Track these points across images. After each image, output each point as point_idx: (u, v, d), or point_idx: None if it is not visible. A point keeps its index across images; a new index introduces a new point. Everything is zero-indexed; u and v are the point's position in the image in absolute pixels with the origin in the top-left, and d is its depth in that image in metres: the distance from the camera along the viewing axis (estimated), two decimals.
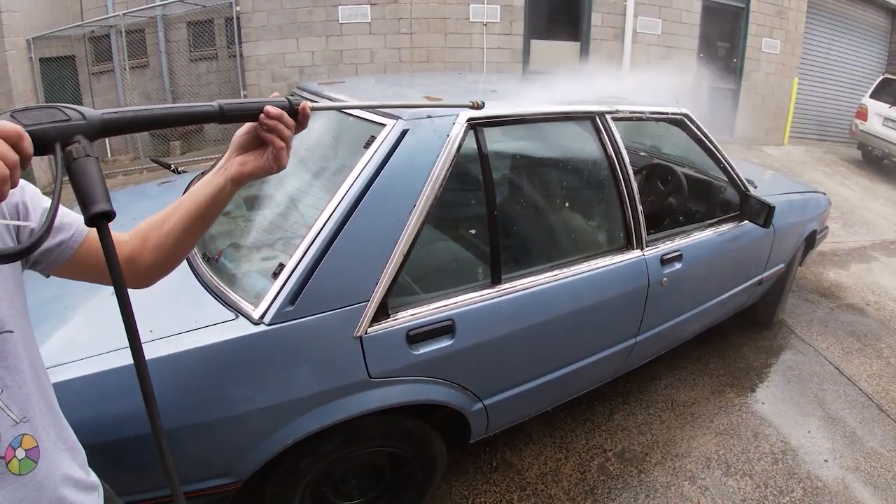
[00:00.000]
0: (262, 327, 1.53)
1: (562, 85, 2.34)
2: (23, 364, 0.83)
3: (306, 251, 1.61)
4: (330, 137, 2.06)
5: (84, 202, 0.66)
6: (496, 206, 1.89)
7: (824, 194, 4.14)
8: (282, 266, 1.62)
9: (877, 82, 10.12)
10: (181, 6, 8.30)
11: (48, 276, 0.96)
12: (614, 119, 2.26)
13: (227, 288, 1.69)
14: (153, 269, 1.01)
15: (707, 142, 2.71)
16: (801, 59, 10.41)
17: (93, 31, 8.67)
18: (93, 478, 1.00)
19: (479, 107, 1.65)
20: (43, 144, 0.66)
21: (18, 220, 0.83)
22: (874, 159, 10.20)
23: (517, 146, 2.40)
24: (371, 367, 1.68)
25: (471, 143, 1.85)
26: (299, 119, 0.95)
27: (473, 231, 2.10)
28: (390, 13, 7.74)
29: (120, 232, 0.97)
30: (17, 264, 0.86)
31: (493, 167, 1.91)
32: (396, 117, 1.78)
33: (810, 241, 3.87)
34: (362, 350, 1.67)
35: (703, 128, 2.67)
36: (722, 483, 2.54)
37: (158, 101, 8.75)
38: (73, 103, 0.73)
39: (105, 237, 0.68)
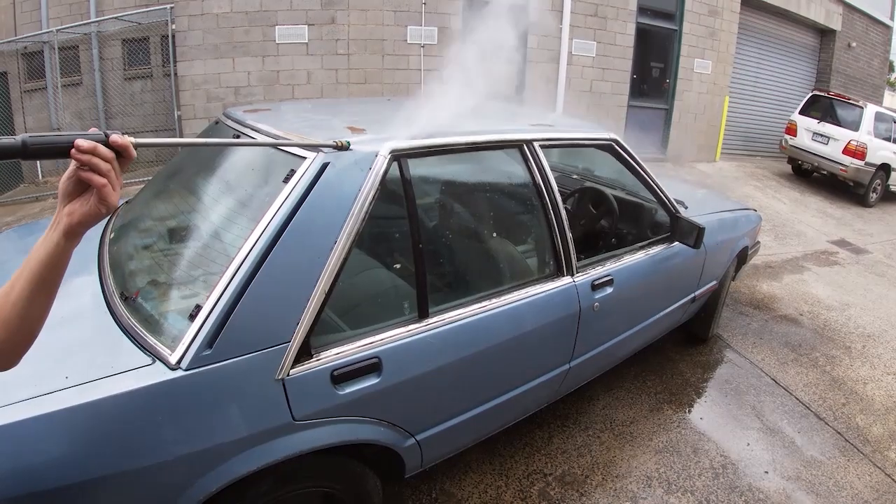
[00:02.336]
0: (179, 373, 1.47)
1: (492, 112, 2.34)
2: None
3: (223, 291, 1.54)
4: (251, 169, 1.99)
5: None
6: (422, 239, 1.86)
7: (755, 211, 4.28)
8: (199, 308, 1.55)
9: (806, 99, 10.61)
10: (116, 23, 8.05)
11: None
12: (542, 146, 2.27)
13: (143, 330, 1.62)
14: (8, 346, 0.91)
15: (636, 166, 2.76)
16: (731, 78, 10.83)
17: (26, 47, 8.34)
18: None
19: (345, 147, 1.62)
20: None
21: None
22: (804, 172, 10.66)
23: (444, 176, 2.38)
24: (295, 410, 1.62)
25: (395, 175, 1.82)
26: (119, 151, 0.87)
27: (399, 265, 2.06)
28: (328, 34, 7.69)
29: None
30: None
31: (418, 198, 1.88)
32: (317, 149, 1.74)
33: (742, 256, 3.97)
34: (285, 393, 1.61)
35: (631, 152, 2.71)
36: (664, 502, 2.56)
37: (91, 120, 8.48)
38: (3, 121, 0.70)
39: None
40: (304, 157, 1.74)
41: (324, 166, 1.70)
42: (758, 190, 9.30)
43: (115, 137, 0.87)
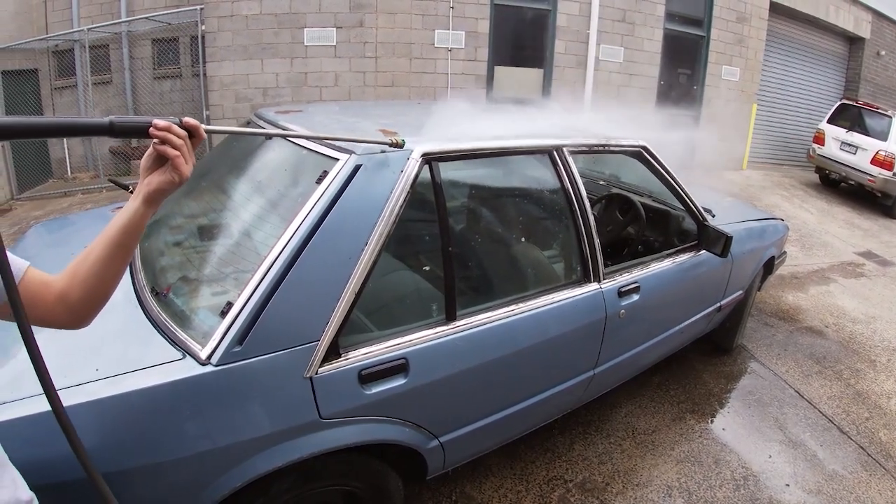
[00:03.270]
0: (209, 368, 1.49)
1: (520, 117, 2.34)
2: None
3: (255, 289, 1.56)
4: (283, 170, 2.02)
5: None
6: (451, 242, 1.87)
7: (782, 220, 4.22)
8: (230, 305, 1.57)
9: (834, 107, 10.44)
10: (147, 23, 8.19)
11: None
12: (572, 153, 2.27)
13: (174, 326, 1.64)
14: (84, 304, 1.01)
15: (665, 173, 2.74)
16: (759, 85, 10.70)
17: (57, 45, 8.49)
18: None
19: (400, 146, 1.63)
20: None
21: None
22: (831, 182, 10.50)
23: (474, 180, 2.39)
24: (322, 408, 1.64)
25: (426, 178, 1.83)
26: (191, 132, 1.01)
27: (428, 267, 2.08)
28: (356, 37, 7.75)
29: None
30: None
31: (448, 202, 1.89)
32: (350, 152, 1.75)
33: (769, 266, 3.93)
34: (313, 391, 1.62)
35: (660, 159, 2.69)
36: None
37: None
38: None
39: None
40: (337, 159, 1.76)
41: (356, 168, 1.71)
42: (785, 199, 9.18)
43: (188, 119, 1.01)
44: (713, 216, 3.16)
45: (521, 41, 8.74)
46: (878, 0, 12.93)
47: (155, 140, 0.98)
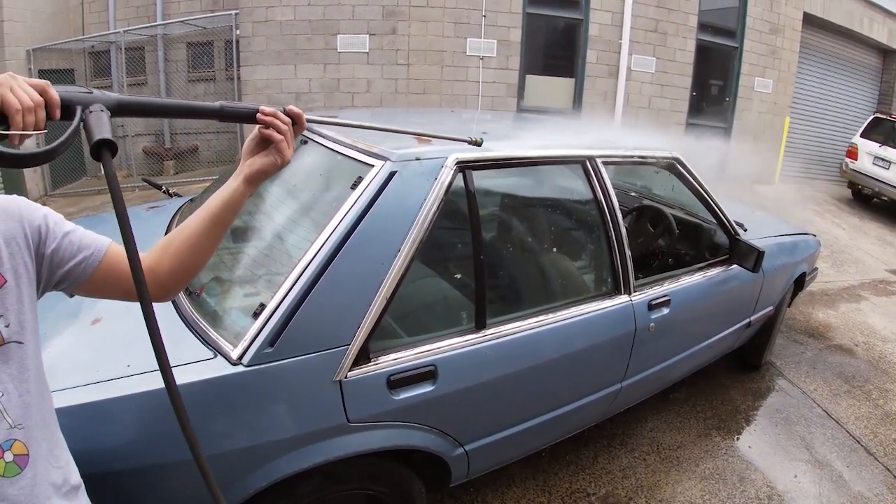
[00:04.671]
0: (240, 368, 1.50)
1: (554, 127, 2.34)
2: (29, 375, 0.89)
3: (288, 292, 1.58)
4: (318, 175, 2.04)
5: (90, 136, 0.82)
6: (483, 251, 1.88)
7: (814, 236, 4.15)
8: (262, 306, 1.59)
9: (867, 121, 10.23)
10: (182, 27, 8.35)
11: (72, 295, 1.03)
12: (605, 163, 2.26)
13: (206, 325, 1.66)
14: (173, 277, 1.06)
15: (697, 186, 2.72)
16: (792, 98, 10.53)
17: (93, 46, 8.71)
18: None
19: (478, 143, 1.65)
20: (69, 107, 0.83)
21: (40, 242, 0.92)
22: (864, 198, 10.29)
23: (506, 189, 2.39)
24: (350, 412, 1.65)
25: (459, 186, 1.84)
26: (294, 119, 1.08)
27: (459, 275, 2.08)
28: (388, 44, 7.81)
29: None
30: (34, 281, 0.92)
31: (481, 210, 1.89)
32: (385, 158, 1.77)
33: (800, 282, 3.87)
34: (341, 394, 1.63)
35: (693, 171, 2.67)
36: None
37: (154, 119, 8.76)
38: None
39: (108, 166, 0.81)
40: (372, 166, 1.78)
41: (391, 175, 1.73)
42: (816, 214, 9.03)
43: (291, 107, 1.08)
44: (745, 230, 3.12)
45: (553, 50, 8.73)
46: None
47: (260, 125, 1.05)
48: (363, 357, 1.67)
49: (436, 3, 7.75)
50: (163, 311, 1.75)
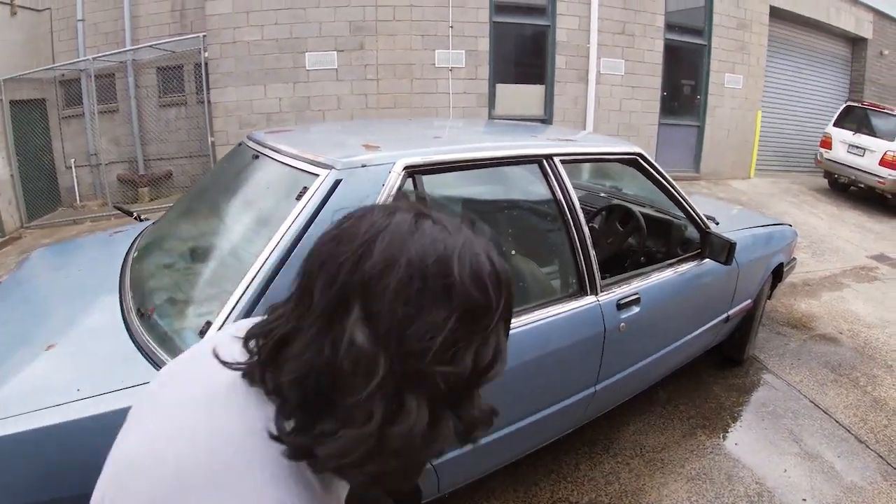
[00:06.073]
0: None
1: (513, 129, 2.29)
2: None
3: (233, 308, 1.54)
4: (267, 188, 1.99)
5: None
6: None
7: (790, 226, 4.14)
8: (209, 324, 1.55)
9: (840, 110, 10.33)
10: (151, 51, 8.34)
11: None
12: (563, 161, 2.20)
13: (155, 346, 1.63)
14: None
15: (663, 181, 2.68)
16: (763, 92, 10.62)
17: (63, 75, 8.69)
18: None
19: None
20: None
21: None
22: (841, 186, 10.36)
23: (461, 192, 2.33)
24: None
25: (409, 191, 1.78)
26: None
27: None
28: (357, 59, 7.82)
29: None
30: None
31: None
32: (330, 167, 1.73)
33: (778, 273, 3.84)
34: None
35: (657, 166, 2.63)
36: None
37: (128, 145, 8.73)
38: (42, 147, 0.69)
39: None
40: (317, 175, 1.73)
41: (336, 183, 1.68)
42: (794, 206, 9.07)
43: None
44: (717, 223, 3.08)
45: (522, 58, 8.81)
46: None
47: None
48: None
49: (403, 16, 7.77)
50: (114, 333, 1.76)
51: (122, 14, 8.47)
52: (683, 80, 9.96)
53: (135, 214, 3.14)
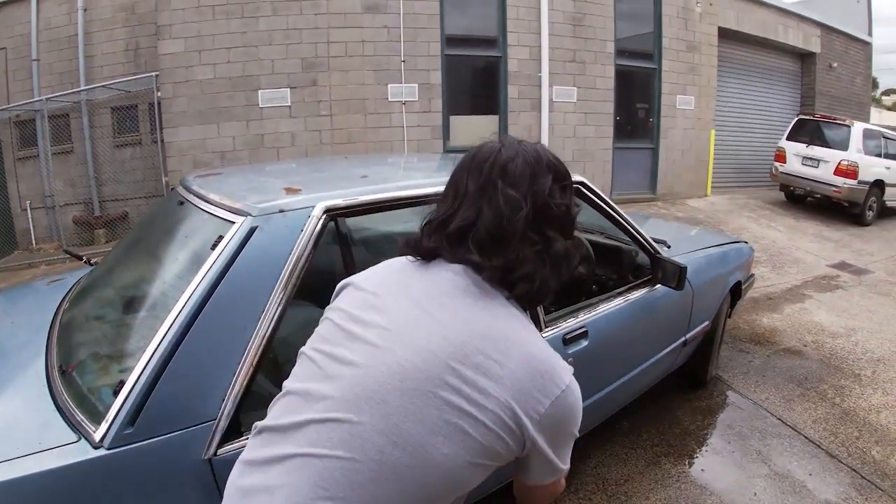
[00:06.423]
0: (101, 451, 1.37)
1: (448, 164, 2.21)
2: None
3: (146, 365, 1.45)
4: (186, 237, 1.89)
5: None
6: None
7: (746, 243, 4.14)
8: (122, 383, 1.46)
9: (792, 124, 10.61)
10: (105, 91, 8.27)
11: None
12: None
13: (73, 406, 1.54)
14: None
15: (607, 208, 2.62)
16: (716, 111, 10.88)
17: (18, 116, 8.60)
18: None
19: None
20: None
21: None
22: (797, 198, 10.60)
23: (388, 233, 2.24)
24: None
25: (331, 235, 1.70)
26: None
27: None
28: (310, 96, 7.81)
29: None
30: None
31: (357, 260, 1.75)
32: (246, 214, 1.64)
33: (736, 292, 3.82)
34: (213, 474, 1.47)
35: (600, 194, 2.58)
36: None
37: (83, 187, 8.60)
38: None
39: None
40: (233, 222, 1.64)
41: (251, 231, 1.59)
42: (752, 221, 9.20)
43: None
44: (668, 247, 3.05)
45: (475, 89, 8.93)
46: (825, 13, 13.36)
47: None
48: (234, 431, 1.51)
49: (355, 51, 7.80)
50: (36, 392, 1.66)
51: (77, 54, 8.42)
52: (636, 103, 10.14)
53: (84, 258, 3.04)
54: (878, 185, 9.82)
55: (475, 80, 8.95)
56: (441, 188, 2.02)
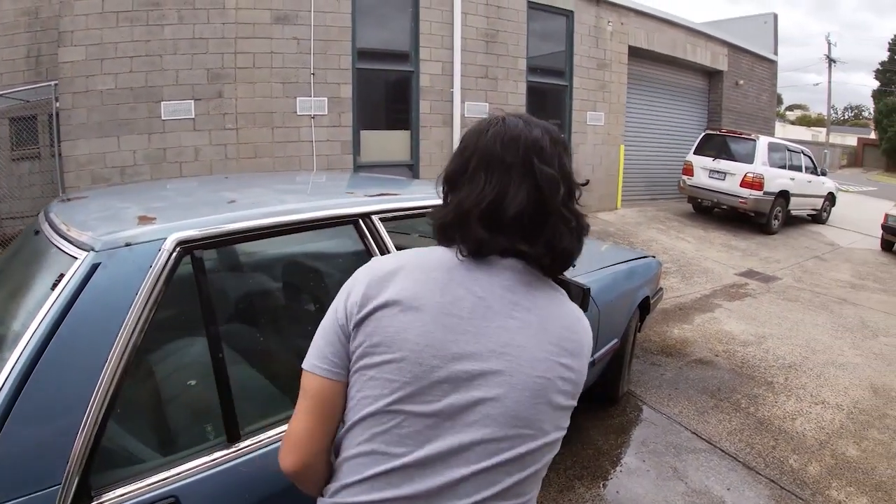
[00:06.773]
0: None
1: (332, 185, 2.06)
2: None
3: None
4: (36, 271, 1.66)
5: None
6: (222, 347, 1.53)
7: (654, 257, 4.17)
8: None
9: (699, 138, 11.05)
10: (3, 101, 7.60)
11: None
12: (383, 219, 1.99)
13: None
14: None
15: None
16: (625, 126, 11.22)
17: None
18: None
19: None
20: None
21: None
22: (705, 210, 11.02)
23: (256, 266, 2.06)
24: None
25: (186, 271, 1.52)
26: None
27: (195, 381, 1.71)
28: (215, 108, 7.47)
29: None
30: None
31: (217, 298, 1.58)
32: (89, 248, 1.43)
33: (645, 307, 3.83)
34: None
35: None
36: None
37: None
38: None
39: None
40: (76, 258, 1.44)
41: (93, 268, 1.39)
42: (661, 233, 9.46)
43: None
44: (573, 266, 3.00)
45: (387, 104, 8.81)
46: (733, 33, 14.06)
47: None
48: (83, 496, 1.32)
49: (262, 63, 7.54)
50: None
51: None
52: (548, 119, 10.24)
53: None
54: (784, 196, 10.34)
55: (387, 94, 8.84)
56: (318, 214, 1.88)
